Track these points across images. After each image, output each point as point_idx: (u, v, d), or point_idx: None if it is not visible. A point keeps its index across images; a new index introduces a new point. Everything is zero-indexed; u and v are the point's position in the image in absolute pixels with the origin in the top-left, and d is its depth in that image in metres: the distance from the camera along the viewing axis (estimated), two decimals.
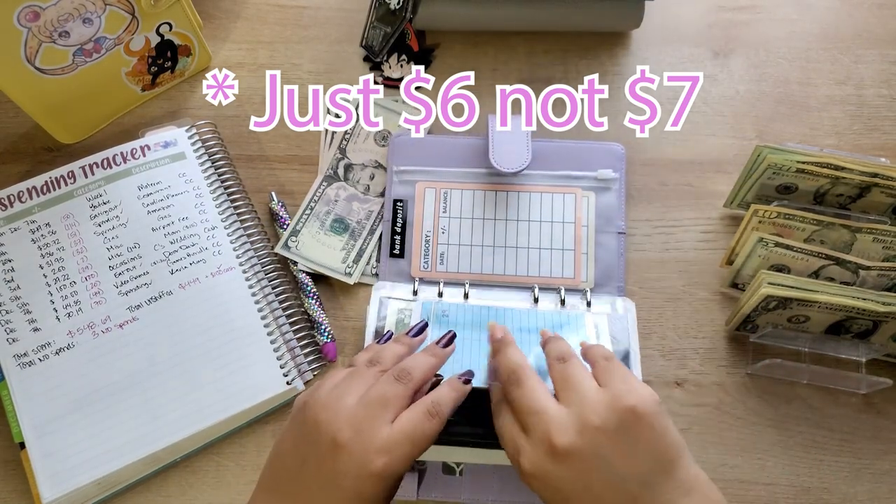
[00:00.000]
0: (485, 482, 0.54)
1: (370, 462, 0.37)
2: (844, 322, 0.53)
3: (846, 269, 0.53)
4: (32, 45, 0.54)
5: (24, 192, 0.58)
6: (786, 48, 0.68)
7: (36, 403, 0.54)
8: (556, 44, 0.68)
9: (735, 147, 0.64)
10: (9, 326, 0.55)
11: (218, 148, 0.63)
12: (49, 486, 0.52)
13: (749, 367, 0.58)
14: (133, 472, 0.54)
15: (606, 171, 0.61)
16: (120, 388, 0.55)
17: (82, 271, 0.57)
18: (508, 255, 0.60)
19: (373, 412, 0.39)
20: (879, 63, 0.67)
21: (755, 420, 0.57)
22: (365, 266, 0.61)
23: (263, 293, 0.58)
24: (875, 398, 0.57)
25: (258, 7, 0.70)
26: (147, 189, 0.60)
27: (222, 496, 0.56)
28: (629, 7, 0.65)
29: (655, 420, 0.38)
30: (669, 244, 0.62)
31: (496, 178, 0.62)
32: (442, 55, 0.68)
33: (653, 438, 0.38)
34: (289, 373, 0.56)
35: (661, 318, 0.60)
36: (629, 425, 0.37)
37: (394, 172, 0.62)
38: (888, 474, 0.55)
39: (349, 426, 0.38)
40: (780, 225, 0.56)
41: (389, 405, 0.40)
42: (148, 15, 0.59)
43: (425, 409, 0.40)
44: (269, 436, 0.57)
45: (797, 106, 0.66)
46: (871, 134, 0.65)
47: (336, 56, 0.68)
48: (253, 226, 0.61)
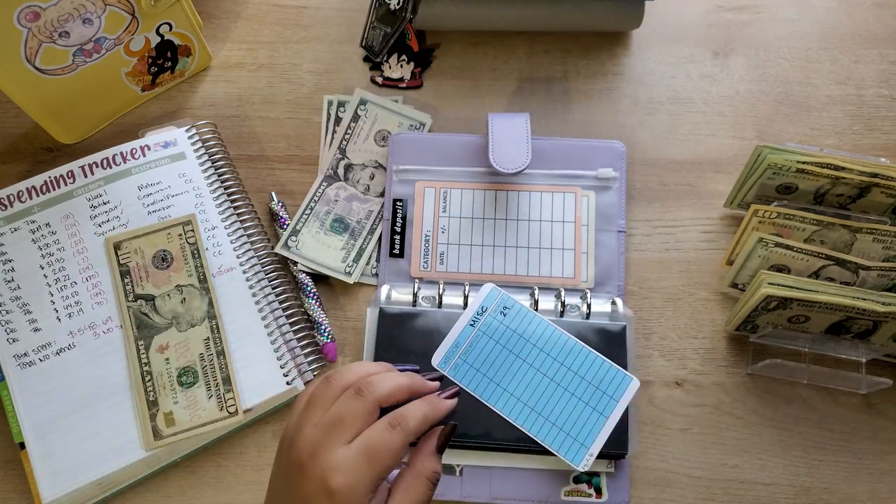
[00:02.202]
0: (483, 482, 0.54)
1: (327, 482, 0.36)
2: (844, 322, 0.53)
3: (846, 269, 0.53)
4: (32, 45, 0.54)
5: (23, 192, 0.58)
6: (786, 48, 0.68)
7: (36, 403, 0.54)
8: (556, 44, 0.68)
9: (735, 147, 0.64)
10: (9, 326, 0.55)
11: (218, 148, 0.63)
12: (49, 486, 0.52)
13: (749, 367, 0.58)
14: (133, 472, 0.54)
15: (607, 170, 0.61)
16: (120, 388, 0.55)
17: (83, 271, 0.57)
18: (508, 255, 0.60)
19: (331, 434, 0.38)
20: (879, 63, 0.67)
21: (755, 420, 0.57)
22: (365, 266, 0.61)
23: (263, 293, 0.58)
24: (875, 398, 0.57)
25: (258, 7, 0.70)
26: (147, 189, 0.60)
27: (222, 496, 0.56)
28: (629, 7, 0.65)
29: None
30: (669, 244, 0.62)
31: (496, 178, 0.62)
32: (442, 55, 0.68)
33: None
34: (289, 373, 0.56)
35: (661, 318, 0.60)
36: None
37: (393, 172, 0.62)
38: (888, 474, 0.55)
39: (306, 451, 0.37)
40: (780, 225, 0.56)
41: (349, 426, 0.38)
42: (148, 15, 0.59)
43: (386, 422, 0.38)
44: (270, 436, 0.57)
45: (797, 106, 0.66)
46: (871, 134, 0.65)
47: (336, 56, 0.68)
48: (253, 226, 0.61)
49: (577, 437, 0.53)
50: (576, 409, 0.53)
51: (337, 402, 0.39)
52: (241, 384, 0.55)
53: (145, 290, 0.57)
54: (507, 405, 0.53)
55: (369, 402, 0.39)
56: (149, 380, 0.54)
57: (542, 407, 0.53)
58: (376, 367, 0.42)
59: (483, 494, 0.54)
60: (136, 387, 0.54)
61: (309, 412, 0.39)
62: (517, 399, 0.53)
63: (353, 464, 0.36)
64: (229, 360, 0.55)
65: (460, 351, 0.55)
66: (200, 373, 0.55)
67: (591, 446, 0.53)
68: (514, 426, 0.53)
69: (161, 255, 0.58)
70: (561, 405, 0.53)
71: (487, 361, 0.54)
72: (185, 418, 0.54)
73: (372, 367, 0.42)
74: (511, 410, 0.53)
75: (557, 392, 0.54)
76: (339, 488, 0.36)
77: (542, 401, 0.54)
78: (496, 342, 0.55)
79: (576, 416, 0.53)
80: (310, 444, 0.37)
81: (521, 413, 0.53)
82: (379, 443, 0.37)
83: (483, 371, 0.53)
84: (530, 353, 0.55)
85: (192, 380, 0.55)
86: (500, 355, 0.54)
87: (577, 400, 0.54)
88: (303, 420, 0.39)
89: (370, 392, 0.39)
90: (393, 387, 0.40)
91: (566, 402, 0.54)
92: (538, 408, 0.53)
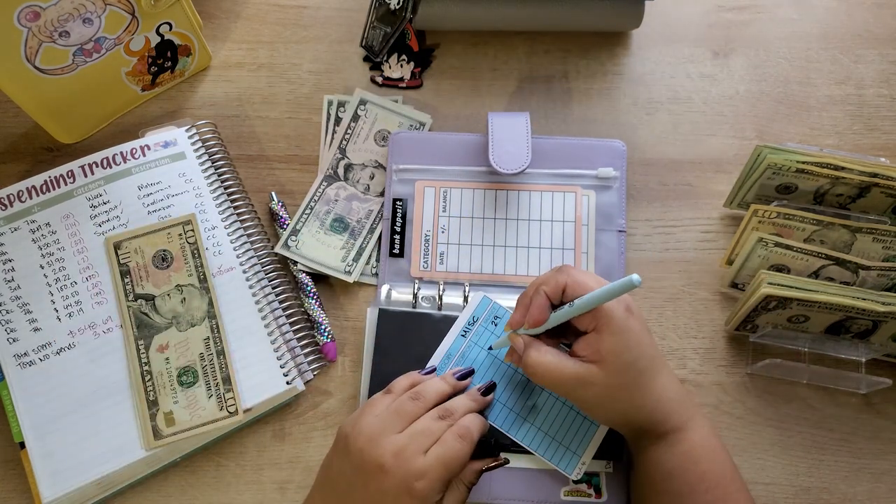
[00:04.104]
0: (483, 482, 0.54)
1: (410, 485, 0.43)
2: (844, 322, 0.53)
3: (846, 269, 0.53)
4: (32, 44, 0.54)
5: (23, 192, 0.58)
6: (786, 48, 0.68)
7: (36, 403, 0.54)
8: (556, 44, 0.68)
9: (735, 147, 0.64)
10: (9, 326, 0.55)
11: (218, 148, 0.63)
12: (49, 486, 0.52)
13: (749, 367, 0.58)
14: (133, 472, 0.54)
15: (607, 169, 0.61)
16: (120, 388, 0.55)
17: (83, 271, 0.57)
18: (508, 255, 0.60)
19: (415, 442, 0.45)
20: (879, 63, 0.67)
21: (755, 420, 0.57)
22: (364, 266, 0.61)
23: (263, 293, 0.58)
24: (875, 398, 0.57)
25: (258, 7, 0.70)
26: (147, 189, 0.60)
27: (222, 496, 0.56)
28: (629, 7, 0.65)
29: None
30: (669, 244, 0.62)
31: (496, 177, 0.62)
32: (442, 55, 0.68)
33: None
34: (289, 373, 0.56)
35: (661, 318, 0.60)
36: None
37: (393, 171, 0.62)
38: (887, 474, 0.55)
39: (392, 454, 0.44)
40: (779, 225, 0.56)
41: (432, 437, 0.45)
42: (148, 15, 0.59)
43: (456, 433, 0.46)
44: (270, 436, 0.57)
45: (797, 106, 0.66)
46: (871, 134, 0.65)
47: (336, 56, 0.68)
48: (253, 226, 0.61)
49: (570, 445, 0.53)
50: (567, 417, 0.53)
51: (425, 418, 0.47)
52: (241, 384, 0.55)
53: (145, 289, 0.57)
54: (499, 416, 0.53)
55: (448, 425, 0.47)
56: (149, 379, 0.54)
57: (535, 417, 0.53)
58: (447, 389, 0.50)
59: (483, 494, 0.54)
60: (135, 386, 0.54)
61: (393, 420, 0.46)
62: (510, 409, 0.54)
63: (434, 473, 0.44)
64: (229, 360, 0.55)
65: (452, 362, 0.55)
66: (200, 372, 0.55)
67: (584, 455, 0.53)
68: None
69: (161, 255, 0.58)
70: (553, 415, 0.54)
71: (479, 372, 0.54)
72: (185, 418, 0.54)
73: (443, 388, 0.50)
74: (504, 421, 0.53)
75: (549, 401, 0.54)
76: (420, 490, 0.43)
77: (535, 411, 0.54)
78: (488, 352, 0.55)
79: (567, 425, 0.53)
80: (396, 447, 0.44)
81: (514, 424, 0.53)
82: (452, 454, 0.45)
83: (475, 382, 0.53)
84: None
85: (192, 379, 0.55)
86: (493, 366, 0.55)
87: (568, 409, 0.54)
88: (387, 425, 0.46)
89: (452, 420, 0.47)
90: (464, 408, 0.49)
91: (558, 412, 0.54)
92: (530, 418, 0.53)
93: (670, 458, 0.47)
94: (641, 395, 0.47)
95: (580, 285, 0.47)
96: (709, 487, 0.46)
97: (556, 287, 0.48)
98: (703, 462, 0.47)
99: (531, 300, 0.49)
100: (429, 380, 0.50)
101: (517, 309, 0.50)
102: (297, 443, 0.57)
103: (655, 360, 0.48)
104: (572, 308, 0.47)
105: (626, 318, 0.47)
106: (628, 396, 0.47)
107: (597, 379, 0.46)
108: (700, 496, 0.46)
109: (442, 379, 0.51)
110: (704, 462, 0.47)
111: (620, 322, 0.46)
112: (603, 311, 0.46)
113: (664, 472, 0.48)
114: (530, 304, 0.49)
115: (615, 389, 0.47)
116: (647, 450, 0.49)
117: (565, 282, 0.48)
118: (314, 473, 0.48)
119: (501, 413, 0.53)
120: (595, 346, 0.47)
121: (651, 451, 0.48)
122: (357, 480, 0.44)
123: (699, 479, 0.47)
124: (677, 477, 0.47)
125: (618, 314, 0.46)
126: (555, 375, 0.47)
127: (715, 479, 0.47)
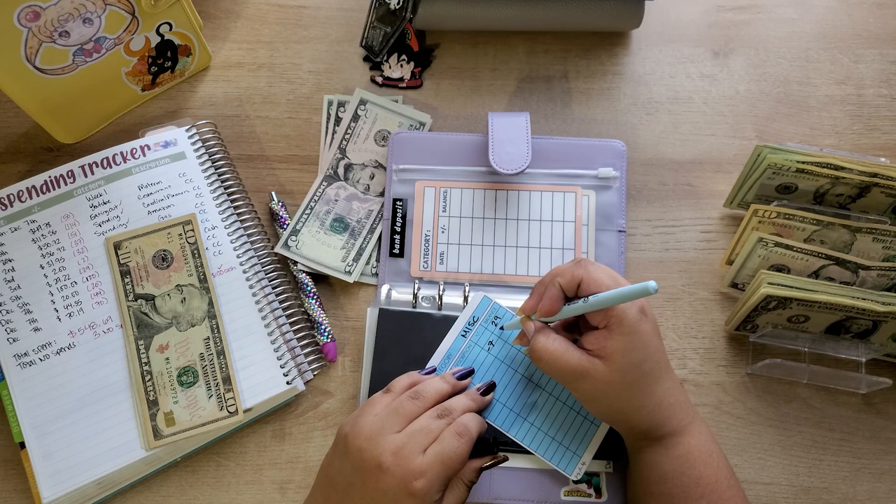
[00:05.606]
0: (483, 482, 0.54)
1: (409, 483, 0.43)
2: (844, 322, 0.53)
3: (846, 269, 0.53)
4: (32, 44, 0.54)
5: (23, 192, 0.58)
6: (786, 48, 0.68)
7: (36, 403, 0.54)
8: (556, 44, 0.68)
9: (735, 147, 0.64)
10: (9, 326, 0.55)
11: (218, 148, 0.63)
12: (49, 486, 0.52)
13: (749, 366, 0.58)
14: (133, 472, 0.54)
15: (607, 169, 0.61)
16: (120, 388, 0.55)
17: (83, 271, 0.57)
18: (508, 255, 0.60)
19: (414, 441, 0.45)
20: (879, 63, 0.67)
21: (755, 420, 0.57)
22: (364, 266, 0.61)
23: (263, 293, 0.58)
24: (875, 398, 0.57)
25: (258, 7, 0.70)
26: (147, 189, 0.60)
27: (222, 496, 0.56)
28: (629, 7, 0.65)
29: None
30: (669, 244, 0.62)
31: (496, 177, 0.62)
32: (442, 55, 0.68)
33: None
34: (289, 373, 0.56)
35: (661, 318, 0.60)
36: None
37: (393, 171, 0.62)
38: (887, 474, 0.55)
39: (391, 453, 0.44)
40: (779, 225, 0.56)
41: (430, 436, 0.46)
42: (148, 15, 0.59)
43: (454, 431, 0.46)
44: (270, 436, 0.57)
45: (797, 106, 0.66)
46: (871, 134, 0.65)
47: (336, 56, 0.68)
48: (253, 226, 0.61)
49: (570, 446, 0.53)
50: (567, 417, 0.53)
51: (423, 418, 0.47)
52: (241, 384, 0.55)
53: (145, 289, 0.57)
54: (499, 416, 0.53)
55: (447, 424, 0.47)
56: (149, 379, 0.54)
57: (535, 417, 0.53)
58: (447, 389, 0.50)
59: (483, 494, 0.54)
60: (136, 386, 0.54)
61: (393, 420, 0.46)
62: (510, 410, 0.54)
63: (433, 471, 0.44)
64: (229, 360, 0.55)
65: (452, 362, 0.55)
66: (200, 372, 0.55)
67: (584, 455, 0.53)
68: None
69: (161, 255, 0.58)
70: (553, 415, 0.54)
71: (479, 372, 0.54)
72: (185, 418, 0.54)
73: (443, 388, 0.50)
74: (504, 421, 0.53)
75: (549, 402, 0.54)
76: (420, 489, 0.43)
77: (535, 411, 0.54)
78: (487, 352, 0.55)
79: (567, 425, 0.53)
80: (395, 446, 0.44)
81: (514, 424, 0.53)
82: (451, 452, 0.45)
83: (475, 382, 0.53)
84: (521, 362, 0.55)
85: (192, 379, 0.55)
86: (493, 366, 0.55)
87: (568, 409, 0.54)
88: (387, 425, 0.46)
89: (451, 419, 0.47)
90: (463, 407, 0.49)
91: (558, 412, 0.54)
92: (530, 418, 0.53)
93: (666, 461, 0.48)
94: (642, 396, 0.47)
95: (595, 282, 0.47)
96: (703, 493, 0.46)
97: (571, 280, 0.48)
98: (699, 467, 0.47)
99: (546, 289, 0.49)
100: (428, 379, 0.50)
101: (532, 296, 0.50)
102: (298, 443, 0.57)
103: (661, 364, 0.48)
104: (586, 304, 0.47)
105: (639, 320, 0.47)
106: (628, 396, 0.47)
107: (599, 374, 0.46)
108: (693, 501, 0.46)
109: (441, 378, 0.51)
110: (700, 467, 0.47)
111: (632, 323, 0.46)
112: (616, 309, 0.47)
113: (659, 474, 0.48)
114: (544, 293, 0.49)
115: (616, 387, 0.47)
116: (643, 451, 0.49)
117: (581, 276, 0.48)
118: (314, 473, 0.49)
119: (501, 413, 0.53)
120: (603, 343, 0.47)
121: (647, 452, 0.49)
122: (356, 479, 0.45)
123: (694, 483, 0.47)
124: (672, 480, 0.47)
125: (630, 315, 0.46)
126: (559, 364, 0.48)
127: (710, 485, 0.47)
